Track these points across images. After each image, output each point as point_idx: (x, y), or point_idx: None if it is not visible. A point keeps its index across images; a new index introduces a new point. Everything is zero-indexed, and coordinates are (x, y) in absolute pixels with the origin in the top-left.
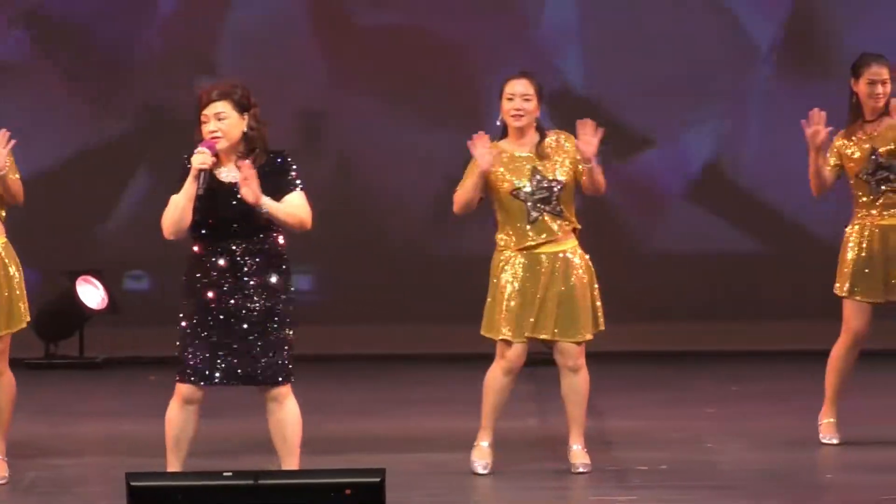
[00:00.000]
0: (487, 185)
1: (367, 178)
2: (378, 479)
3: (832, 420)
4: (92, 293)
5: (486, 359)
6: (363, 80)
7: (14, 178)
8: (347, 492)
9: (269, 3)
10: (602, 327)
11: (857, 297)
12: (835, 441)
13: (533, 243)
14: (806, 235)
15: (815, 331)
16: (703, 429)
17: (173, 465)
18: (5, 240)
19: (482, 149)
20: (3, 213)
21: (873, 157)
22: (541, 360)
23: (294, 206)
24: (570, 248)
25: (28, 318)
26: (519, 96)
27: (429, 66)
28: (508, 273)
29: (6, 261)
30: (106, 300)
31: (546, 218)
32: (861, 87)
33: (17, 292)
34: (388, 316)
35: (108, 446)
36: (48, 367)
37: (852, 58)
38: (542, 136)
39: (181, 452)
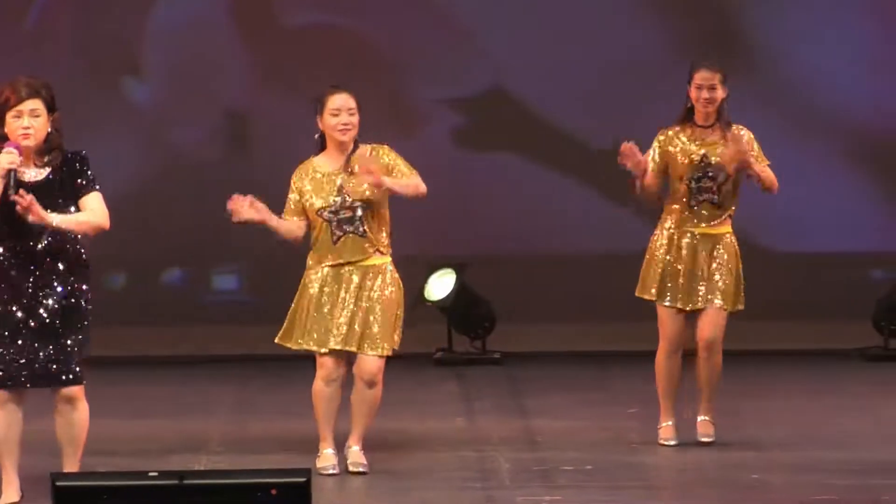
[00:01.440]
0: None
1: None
2: (304, 479)
3: (670, 423)
4: None
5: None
6: (289, 80)
7: None
8: (273, 491)
9: (193, 2)
10: (397, 346)
11: (667, 303)
12: (673, 443)
13: (338, 262)
14: None
15: (754, 330)
16: (627, 429)
17: (6, 468)
18: None
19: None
20: None
21: (702, 163)
22: (467, 361)
23: (89, 212)
24: (381, 264)
25: None
26: (345, 110)
27: (354, 67)
28: (313, 284)
29: None
30: None
31: (349, 238)
32: (692, 92)
33: None
34: None
35: (31, 446)
36: None
37: (774, 53)
38: (354, 150)
39: (13, 455)
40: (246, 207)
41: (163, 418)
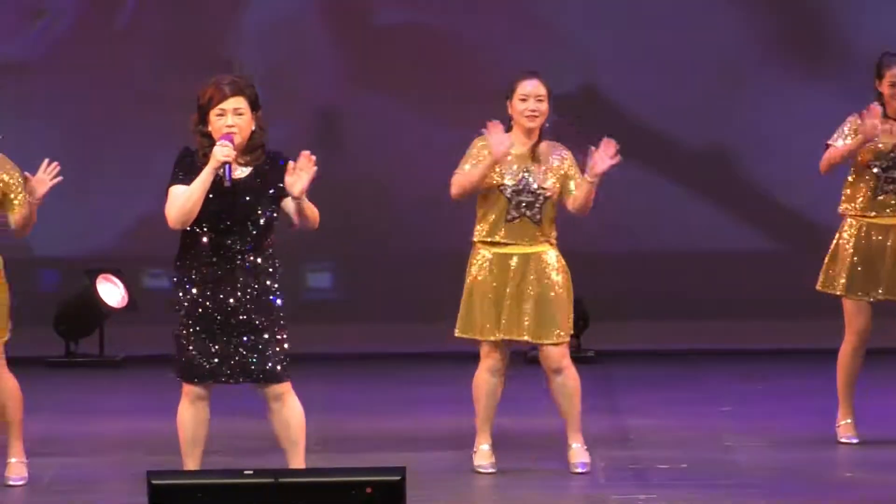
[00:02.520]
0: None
1: (384, 176)
2: (399, 478)
3: (849, 421)
4: (112, 291)
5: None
6: (380, 79)
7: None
8: (368, 490)
9: (285, 1)
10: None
11: (858, 295)
12: (854, 441)
13: (504, 241)
14: (821, 232)
15: (834, 328)
16: (721, 427)
17: (190, 466)
18: None
19: (497, 136)
20: None
21: (893, 154)
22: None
23: (313, 209)
24: (544, 251)
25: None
26: (533, 97)
27: (445, 65)
28: (480, 273)
29: None
30: (126, 298)
31: (524, 221)
32: (884, 88)
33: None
34: (406, 315)
35: (128, 444)
36: (68, 366)
37: (866, 52)
38: (540, 139)
39: (197, 451)
40: (506, 140)
41: (258, 416)
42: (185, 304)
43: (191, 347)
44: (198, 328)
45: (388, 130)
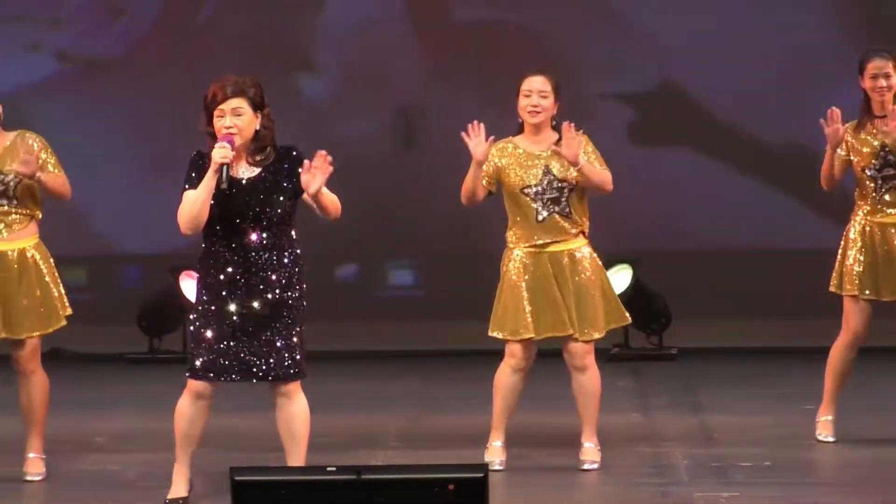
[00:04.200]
0: (499, 181)
1: (464, 173)
2: (481, 475)
3: (829, 418)
4: (195, 288)
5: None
6: (460, 76)
7: (54, 174)
8: (451, 487)
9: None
10: (628, 320)
11: (866, 295)
12: (831, 440)
13: (540, 242)
14: None
15: None
16: (804, 425)
17: (182, 461)
18: (38, 240)
19: (475, 139)
20: (40, 214)
21: (882, 152)
22: (643, 357)
23: (333, 198)
24: (577, 247)
25: (68, 312)
26: (536, 93)
27: (526, 62)
28: (514, 272)
29: (39, 261)
30: None
31: (555, 218)
32: (866, 83)
33: (53, 292)
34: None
35: (211, 441)
36: (151, 363)
37: None
38: (559, 135)
39: (190, 448)
40: (482, 142)
41: (339, 413)
42: (203, 302)
43: (203, 344)
44: (214, 327)
45: (465, 128)
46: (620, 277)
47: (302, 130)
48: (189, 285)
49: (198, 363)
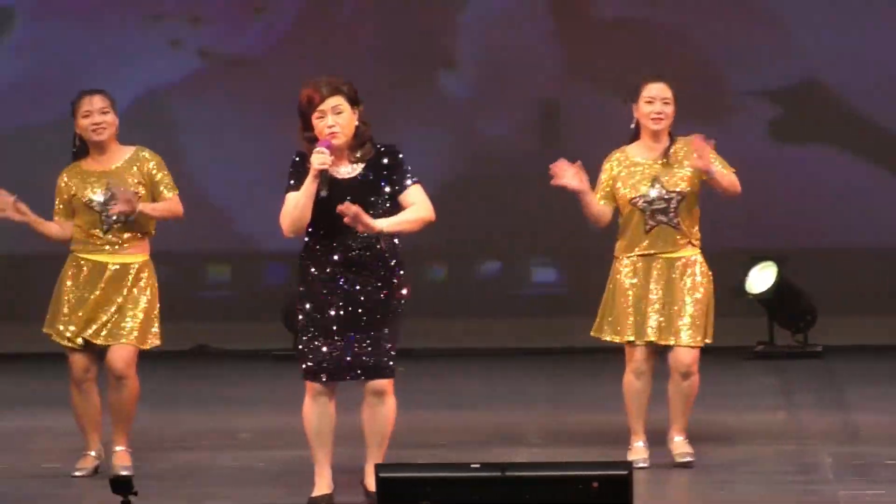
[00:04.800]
0: (611, 191)
1: None
2: (625, 473)
3: None
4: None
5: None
6: (601, 72)
7: (156, 206)
8: (594, 485)
9: None
10: (710, 339)
11: None
12: None
13: (649, 252)
14: None
15: None
16: None
17: (319, 461)
18: (147, 257)
19: (566, 176)
20: (153, 231)
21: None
22: (788, 354)
23: (414, 209)
24: (688, 256)
25: (156, 343)
26: (659, 99)
27: (667, 59)
28: (624, 279)
29: (149, 280)
30: None
31: (663, 228)
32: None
33: (151, 315)
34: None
35: (354, 436)
36: (295, 359)
37: None
38: (671, 143)
39: (325, 447)
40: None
41: (481, 410)
42: (306, 300)
43: (311, 346)
44: (317, 327)
45: (608, 124)
46: (765, 275)
47: (442, 128)
48: None
49: (309, 365)
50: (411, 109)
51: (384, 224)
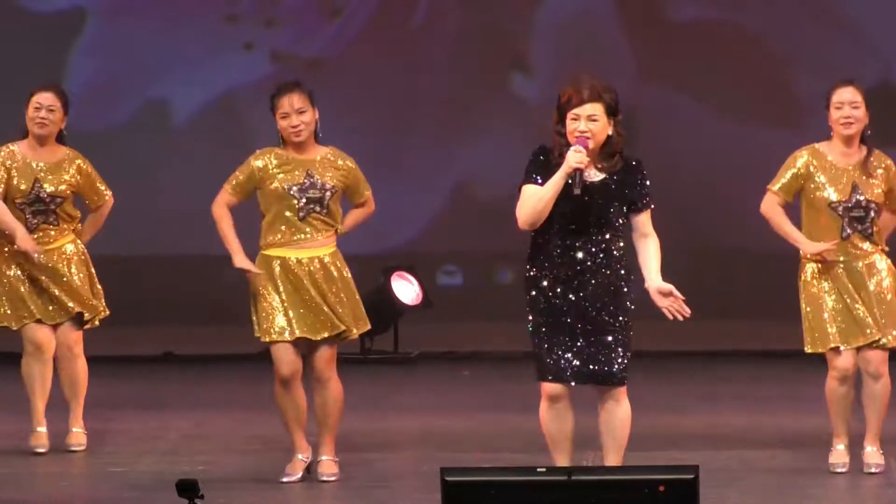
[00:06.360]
0: (802, 191)
1: (683, 174)
2: (692, 476)
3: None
4: (406, 289)
5: (794, 357)
6: (676, 75)
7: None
8: (661, 488)
9: None
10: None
11: None
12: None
13: (840, 259)
14: None
15: None
16: None
17: (559, 463)
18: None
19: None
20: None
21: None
22: None
23: (655, 251)
24: (874, 261)
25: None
26: (847, 104)
27: (741, 61)
28: (821, 283)
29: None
30: (420, 295)
31: (856, 237)
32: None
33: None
34: (709, 312)
35: (421, 441)
36: (363, 363)
37: None
38: (870, 151)
39: (563, 451)
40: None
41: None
42: (537, 304)
43: (545, 347)
44: (548, 328)
45: (683, 128)
46: None
47: (519, 130)
48: (401, 286)
49: (544, 366)
50: (485, 112)
51: (657, 281)
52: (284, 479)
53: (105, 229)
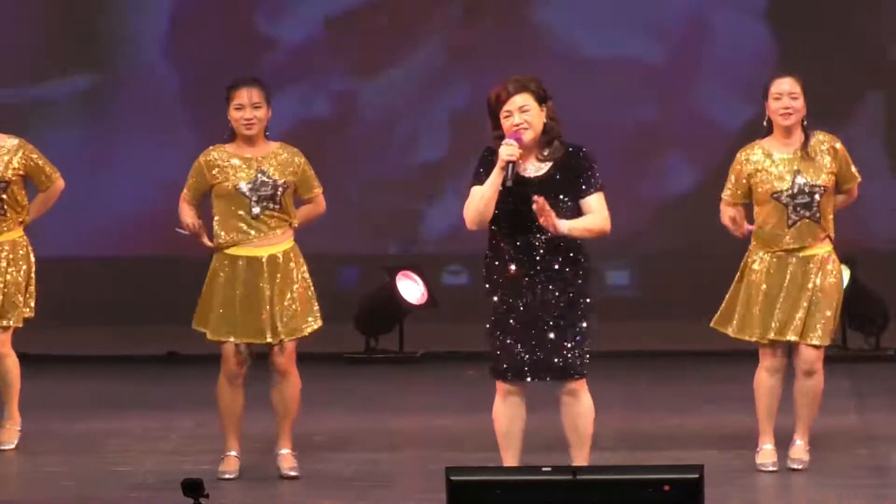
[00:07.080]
0: (750, 186)
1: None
2: (696, 476)
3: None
4: (411, 288)
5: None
6: None
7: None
8: (666, 488)
9: None
10: (832, 337)
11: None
12: None
13: (789, 247)
14: None
15: None
16: None
17: (508, 462)
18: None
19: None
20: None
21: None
22: (860, 358)
23: (593, 217)
24: (824, 252)
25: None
26: (786, 94)
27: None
28: (758, 274)
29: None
30: (425, 295)
31: (805, 223)
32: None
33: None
34: (712, 312)
35: (426, 440)
36: (368, 362)
37: None
38: (807, 137)
39: (512, 448)
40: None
41: (553, 412)
42: (494, 302)
43: (499, 345)
44: (505, 327)
45: None
46: None
47: None
48: (406, 286)
49: (498, 365)
50: None
51: (566, 226)
52: (227, 476)
53: (108, 229)
